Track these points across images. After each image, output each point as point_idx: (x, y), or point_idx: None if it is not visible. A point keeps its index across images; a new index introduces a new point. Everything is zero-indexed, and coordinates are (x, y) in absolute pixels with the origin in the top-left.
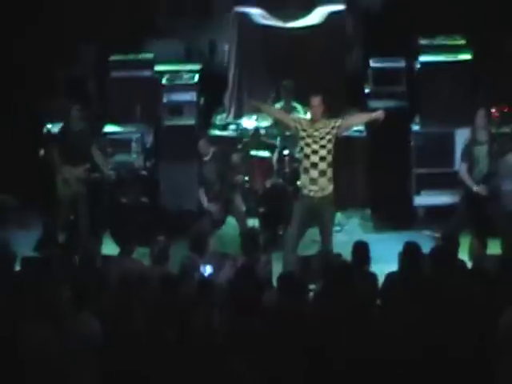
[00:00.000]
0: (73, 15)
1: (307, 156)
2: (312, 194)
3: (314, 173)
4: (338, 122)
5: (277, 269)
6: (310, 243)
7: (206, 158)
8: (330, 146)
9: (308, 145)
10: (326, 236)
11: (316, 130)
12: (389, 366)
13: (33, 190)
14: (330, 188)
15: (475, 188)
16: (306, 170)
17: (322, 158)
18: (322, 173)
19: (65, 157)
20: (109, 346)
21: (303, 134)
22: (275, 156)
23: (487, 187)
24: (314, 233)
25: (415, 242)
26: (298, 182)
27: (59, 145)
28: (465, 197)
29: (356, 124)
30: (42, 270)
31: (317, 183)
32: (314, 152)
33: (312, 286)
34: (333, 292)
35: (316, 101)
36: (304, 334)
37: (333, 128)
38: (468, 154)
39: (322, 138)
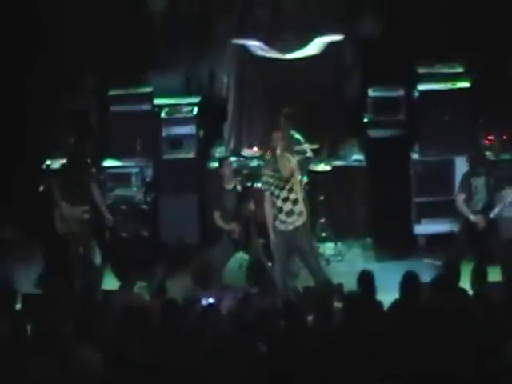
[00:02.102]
0: (73, 49)
1: (274, 202)
2: (282, 228)
3: (282, 215)
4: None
5: None
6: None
7: (229, 187)
8: (288, 185)
9: (272, 193)
10: (312, 265)
11: (274, 172)
12: None
13: (34, 225)
14: (301, 221)
15: (472, 218)
16: (275, 215)
17: (284, 200)
18: (289, 213)
19: (64, 194)
20: (110, 379)
21: (264, 179)
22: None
23: (484, 218)
24: None
25: (413, 271)
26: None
27: (60, 180)
28: (464, 225)
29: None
30: (43, 305)
31: (286, 224)
32: (277, 197)
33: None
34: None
35: (277, 135)
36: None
37: (290, 169)
38: (466, 185)
39: (279, 180)
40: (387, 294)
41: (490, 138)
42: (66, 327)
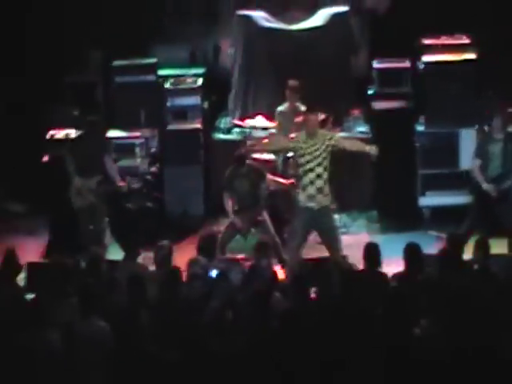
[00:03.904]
0: (79, 21)
1: (304, 173)
2: (308, 205)
3: (312, 189)
4: (333, 141)
5: None
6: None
7: (242, 171)
8: (325, 163)
9: (307, 162)
10: (333, 246)
11: (312, 147)
12: (394, 368)
13: (39, 197)
14: (328, 202)
15: (485, 186)
16: (304, 187)
17: (319, 176)
18: (319, 190)
19: (78, 168)
20: (118, 349)
21: (301, 151)
22: (280, 158)
23: (497, 187)
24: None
25: (415, 243)
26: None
27: (73, 153)
28: (477, 195)
29: (349, 149)
30: (48, 275)
31: (314, 200)
32: (311, 170)
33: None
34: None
35: (312, 118)
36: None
37: (327, 146)
38: (482, 151)
39: (318, 156)
40: (391, 267)
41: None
42: (69, 298)
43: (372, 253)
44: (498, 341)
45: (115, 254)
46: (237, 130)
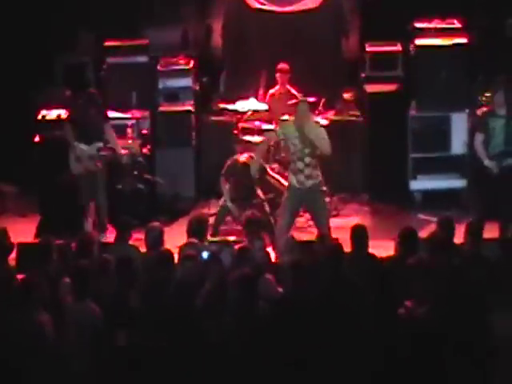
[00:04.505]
0: (70, 1)
1: (293, 161)
2: (298, 185)
3: (301, 176)
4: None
5: None
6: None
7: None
8: (314, 151)
9: (296, 151)
10: (322, 222)
11: (301, 136)
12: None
13: (30, 177)
14: (317, 182)
15: (486, 162)
16: (294, 173)
17: (307, 165)
18: (308, 177)
19: (79, 134)
20: (109, 330)
21: (290, 140)
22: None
23: (499, 164)
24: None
25: (411, 227)
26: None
27: (73, 124)
28: (473, 176)
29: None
30: (39, 256)
31: (303, 184)
32: (300, 159)
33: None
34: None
35: (303, 104)
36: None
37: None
38: (484, 125)
39: (307, 145)
40: (382, 250)
41: (487, 95)
42: (60, 279)
43: (359, 234)
44: (486, 324)
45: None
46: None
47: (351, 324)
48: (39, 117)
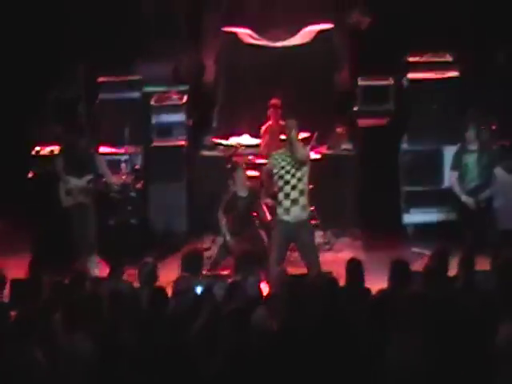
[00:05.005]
0: (63, 37)
1: (281, 188)
2: (286, 219)
3: (287, 202)
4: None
5: None
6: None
7: (242, 194)
8: (299, 174)
9: (281, 177)
10: (311, 258)
11: (287, 158)
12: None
13: (23, 213)
14: (305, 215)
15: (463, 198)
16: (280, 202)
17: (293, 187)
18: (294, 201)
19: (69, 167)
20: (101, 367)
21: (277, 165)
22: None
23: (475, 199)
24: None
25: (403, 260)
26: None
27: (63, 157)
28: (460, 210)
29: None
30: (31, 292)
31: (289, 212)
32: (286, 182)
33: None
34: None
35: (290, 122)
36: (297, 354)
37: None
38: (458, 162)
39: (292, 167)
40: (375, 284)
41: (482, 128)
42: (54, 315)
43: (354, 268)
44: (479, 355)
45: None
46: (222, 146)
47: (345, 358)
48: (33, 152)
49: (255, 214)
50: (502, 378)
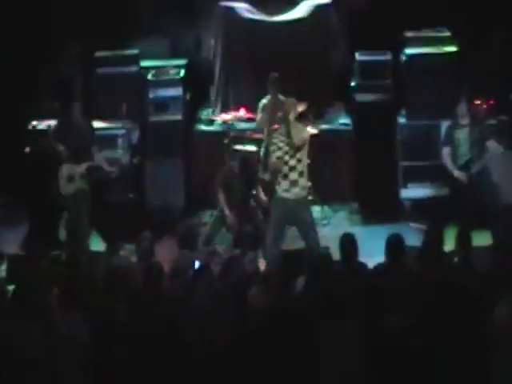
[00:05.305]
0: (59, 13)
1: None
2: (285, 197)
3: (286, 183)
4: (306, 133)
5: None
6: (295, 238)
7: (237, 170)
8: (298, 155)
9: (279, 158)
10: (310, 236)
11: (286, 139)
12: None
13: (20, 188)
14: (304, 192)
15: (455, 173)
16: (280, 181)
17: (292, 168)
18: (293, 183)
19: (67, 154)
20: (96, 344)
21: (275, 146)
22: (262, 151)
23: (467, 173)
24: None
25: (398, 234)
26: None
27: (62, 142)
28: (453, 185)
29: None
30: (28, 268)
31: (289, 192)
32: (285, 163)
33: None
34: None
35: (289, 102)
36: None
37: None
38: (449, 137)
39: (290, 148)
40: (373, 259)
41: (476, 102)
42: (50, 291)
43: (348, 244)
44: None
45: (97, 246)
46: (219, 121)
47: (340, 335)
48: (29, 127)
49: (252, 190)
50: (500, 357)
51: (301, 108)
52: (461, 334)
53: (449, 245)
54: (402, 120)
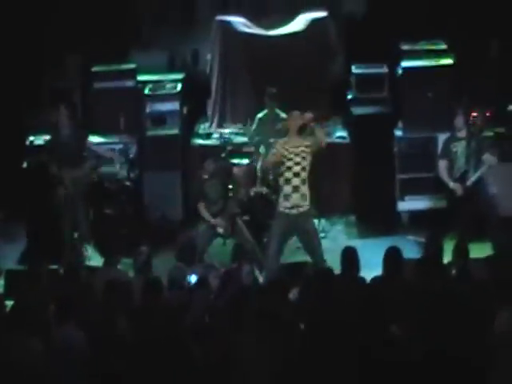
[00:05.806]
0: (58, 27)
1: (281, 173)
2: (287, 211)
3: (288, 188)
4: (311, 141)
5: None
6: (294, 250)
7: (206, 176)
8: (304, 163)
9: (286, 161)
10: (314, 247)
11: (292, 146)
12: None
13: (18, 203)
14: (306, 205)
15: (451, 185)
16: (281, 187)
17: (296, 174)
18: (295, 188)
19: (61, 163)
20: (95, 357)
21: (281, 151)
22: (259, 164)
23: (463, 185)
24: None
25: (396, 247)
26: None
27: (53, 154)
28: (450, 197)
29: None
30: (26, 283)
31: (289, 199)
32: (289, 168)
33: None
34: (315, 298)
35: (295, 114)
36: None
37: (307, 146)
38: (446, 150)
39: (296, 155)
40: (370, 271)
41: (473, 114)
42: (48, 305)
43: (350, 257)
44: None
45: (95, 260)
46: (216, 135)
47: (340, 347)
48: (27, 142)
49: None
50: (501, 364)
51: (306, 119)
52: (460, 344)
53: (446, 256)
54: (398, 133)
